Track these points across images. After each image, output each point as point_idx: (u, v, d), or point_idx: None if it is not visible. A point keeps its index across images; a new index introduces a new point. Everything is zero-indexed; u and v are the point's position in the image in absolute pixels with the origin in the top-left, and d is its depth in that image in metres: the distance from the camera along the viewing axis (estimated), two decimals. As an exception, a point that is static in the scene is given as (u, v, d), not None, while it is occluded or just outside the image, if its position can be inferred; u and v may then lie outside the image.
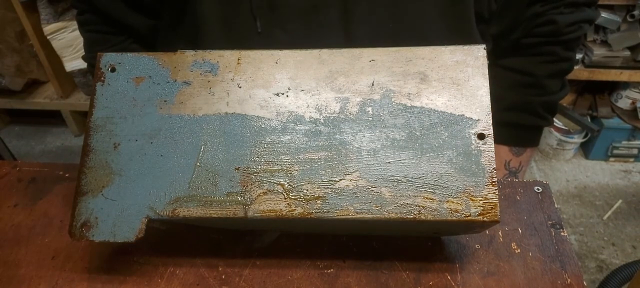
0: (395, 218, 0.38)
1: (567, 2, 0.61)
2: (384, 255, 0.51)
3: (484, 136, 0.39)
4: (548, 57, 0.66)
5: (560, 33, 0.63)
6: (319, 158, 0.40)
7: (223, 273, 0.50)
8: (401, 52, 0.42)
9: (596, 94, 1.88)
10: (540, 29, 0.63)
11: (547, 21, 0.62)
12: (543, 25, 0.63)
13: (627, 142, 1.83)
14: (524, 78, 0.68)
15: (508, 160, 0.73)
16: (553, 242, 0.51)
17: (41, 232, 0.55)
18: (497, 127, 0.70)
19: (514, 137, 0.72)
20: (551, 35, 0.63)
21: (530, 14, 0.63)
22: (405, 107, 0.40)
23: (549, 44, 0.65)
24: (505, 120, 0.70)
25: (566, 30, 0.63)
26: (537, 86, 0.67)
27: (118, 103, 0.43)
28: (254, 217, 0.39)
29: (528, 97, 0.68)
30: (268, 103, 0.42)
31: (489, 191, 0.38)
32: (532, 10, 0.62)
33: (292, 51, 0.43)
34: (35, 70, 1.86)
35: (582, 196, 1.75)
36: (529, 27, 0.64)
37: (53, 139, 2.11)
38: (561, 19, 0.61)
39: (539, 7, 0.62)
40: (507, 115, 0.70)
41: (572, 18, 0.62)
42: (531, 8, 0.62)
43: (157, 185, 0.41)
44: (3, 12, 1.68)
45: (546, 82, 0.67)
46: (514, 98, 0.69)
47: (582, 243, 1.58)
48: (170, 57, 0.44)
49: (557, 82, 0.68)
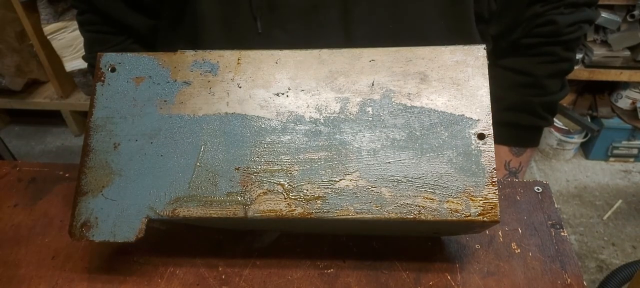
0: (395, 218, 0.38)
1: (567, 3, 0.61)
2: (384, 255, 0.51)
3: (484, 136, 0.39)
4: (548, 57, 0.66)
5: (560, 33, 0.63)
6: (319, 158, 0.40)
7: (223, 273, 0.50)
8: (401, 52, 0.42)
9: (596, 94, 1.88)
10: (540, 29, 0.63)
11: (547, 21, 0.62)
12: (543, 26, 0.63)
13: (627, 142, 1.83)
14: (523, 78, 0.68)
15: (508, 161, 0.73)
16: (553, 242, 0.51)
17: (41, 232, 0.55)
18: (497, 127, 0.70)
19: (514, 137, 0.72)
20: (551, 36, 0.63)
21: (530, 14, 0.62)
22: (405, 107, 0.40)
23: (549, 44, 0.65)
24: (505, 120, 0.70)
25: (566, 31, 0.63)
26: (537, 86, 0.67)
27: (118, 103, 0.43)
28: (254, 217, 0.39)
29: (528, 97, 0.68)
30: (268, 103, 0.42)
31: (489, 191, 0.38)
32: (532, 11, 0.62)
33: (292, 51, 0.43)
34: (35, 70, 1.86)
35: (582, 196, 1.75)
36: (529, 27, 0.64)
37: (53, 138, 2.11)
38: (561, 19, 0.61)
39: (539, 8, 0.62)
40: (507, 115, 0.70)
41: (572, 18, 0.62)
42: (531, 8, 0.62)
43: (157, 185, 0.41)
44: (3, 12, 1.68)
45: (546, 82, 0.67)
46: (514, 98, 0.69)
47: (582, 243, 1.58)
48: (170, 57, 0.44)
49: (557, 82, 0.68)
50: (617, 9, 1.55)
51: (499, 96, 0.68)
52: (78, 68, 1.73)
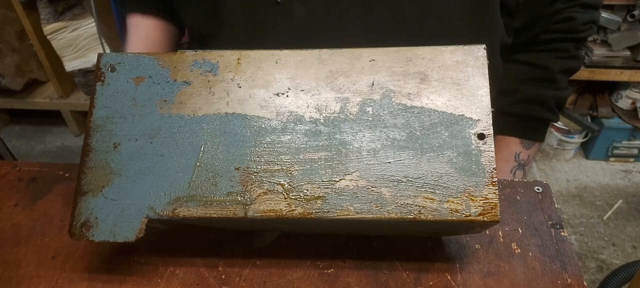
0: (395, 218, 0.38)
1: (581, 3, 0.65)
2: (384, 255, 0.51)
3: (484, 136, 0.39)
4: (562, 53, 0.68)
5: (576, 30, 0.66)
6: (319, 158, 0.40)
7: (223, 273, 0.50)
8: (401, 52, 0.42)
9: (596, 94, 1.88)
10: (559, 25, 0.66)
11: (566, 18, 0.65)
12: (562, 22, 0.65)
13: (627, 142, 1.83)
14: (540, 72, 0.70)
15: (518, 153, 0.74)
16: (553, 242, 0.51)
17: (41, 231, 0.55)
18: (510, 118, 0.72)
19: (526, 129, 0.74)
20: (568, 32, 0.66)
21: (552, 10, 0.65)
22: (405, 107, 0.40)
23: (564, 40, 0.67)
24: (519, 112, 0.72)
25: (581, 28, 0.66)
26: (551, 80, 0.70)
27: (118, 103, 0.43)
28: (254, 217, 0.39)
29: (542, 90, 0.70)
30: (268, 103, 0.42)
31: (489, 191, 0.38)
32: (554, 7, 0.65)
33: (292, 51, 0.43)
34: (35, 70, 1.86)
35: (582, 196, 1.75)
36: (549, 23, 0.66)
37: (53, 138, 2.11)
38: (578, 16, 0.65)
39: (560, 4, 0.65)
40: (521, 107, 0.72)
41: (586, 17, 0.65)
42: (554, 5, 0.65)
43: (157, 185, 0.41)
44: (3, 12, 1.68)
45: (559, 76, 0.69)
46: (529, 91, 0.71)
47: (582, 243, 1.58)
48: (170, 56, 0.44)
49: (566, 79, 0.71)
50: (617, 9, 1.55)
51: (513, 89, 0.71)
52: (78, 68, 1.73)
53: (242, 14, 0.59)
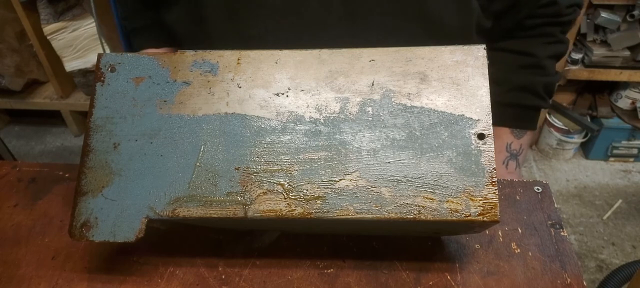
0: (395, 218, 0.38)
1: None
2: (384, 255, 0.51)
3: (484, 136, 0.39)
4: (548, 38, 0.68)
5: (560, 14, 0.65)
6: (319, 158, 0.40)
7: (223, 273, 0.50)
8: (401, 52, 0.42)
9: (596, 93, 1.88)
10: (543, 10, 0.65)
11: (550, 2, 0.64)
12: (546, 6, 0.65)
13: (627, 142, 1.83)
14: (526, 59, 0.69)
15: (509, 143, 0.73)
16: (553, 241, 0.51)
17: (41, 232, 0.55)
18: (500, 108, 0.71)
19: (516, 118, 0.73)
20: (552, 16, 0.66)
21: None
22: (405, 107, 0.40)
23: (549, 24, 0.67)
24: (508, 101, 0.71)
25: (566, 12, 0.65)
26: (539, 67, 0.69)
27: (118, 103, 0.43)
28: (254, 217, 0.39)
29: (530, 77, 0.70)
30: (268, 103, 0.42)
31: (489, 191, 0.38)
32: None
33: (292, 51, 0.43)
34: (35, 70, 1.86)
35: (582, 196, 1.75)
36: (533, 8, 0.65)
37: (53, 138, 2.11)
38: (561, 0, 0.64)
39: None
40: (510, 96, 0.71)
41: (569, 0, 0.65)
42: None
43: (157, 185, 0.41)
44: (3, 12, 1.68)
45: (546, 62, 0.69)
46: (517, 79, 0.70)
47: (582, 243, 1.58)
48: (170, 57, 0.44)
49: (554, 64, 0.70)
50: (617, 9, 1.55)
51: (501, 78, 0.70)
52: (78, 68, 1.73)
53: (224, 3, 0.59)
